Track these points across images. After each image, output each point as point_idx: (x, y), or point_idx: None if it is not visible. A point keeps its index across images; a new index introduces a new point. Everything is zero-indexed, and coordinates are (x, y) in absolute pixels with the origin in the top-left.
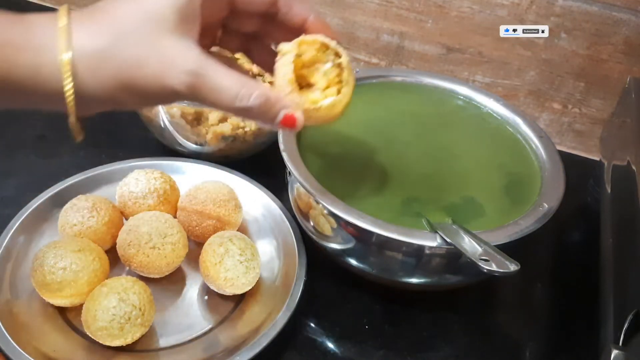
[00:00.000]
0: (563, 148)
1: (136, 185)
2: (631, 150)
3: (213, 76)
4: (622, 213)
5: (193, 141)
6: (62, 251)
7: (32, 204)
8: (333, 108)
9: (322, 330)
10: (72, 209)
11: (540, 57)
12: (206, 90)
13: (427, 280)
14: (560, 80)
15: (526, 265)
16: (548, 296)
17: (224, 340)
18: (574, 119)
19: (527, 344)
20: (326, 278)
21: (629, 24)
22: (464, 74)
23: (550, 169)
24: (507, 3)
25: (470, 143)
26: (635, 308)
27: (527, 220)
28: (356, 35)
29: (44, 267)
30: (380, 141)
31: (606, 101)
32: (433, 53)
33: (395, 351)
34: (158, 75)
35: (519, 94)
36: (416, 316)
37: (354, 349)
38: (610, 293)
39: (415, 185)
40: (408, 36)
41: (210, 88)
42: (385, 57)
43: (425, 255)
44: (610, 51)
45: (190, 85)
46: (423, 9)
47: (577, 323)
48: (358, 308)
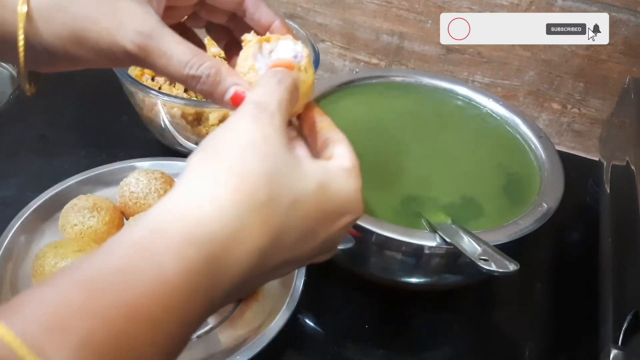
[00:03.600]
0: (562, 148)
1: (137, 185)
2: (630, 150)
3: (165, 41)
4: (621, 213)
5: (193, 141)
6: (63, 251)
7: (32, 204)
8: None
9: (322, 330)
10: (73, 209)
11: (539, 57)
12: (158, 53)
13: (426, 280)
14: (559, 80)
15: (525, 265)
16: (547, 296)
17: (224, 340)
18: (573, 119)
19: (526, 344)
20: (326, 278)
21: (628, 24)
22: (463, 74)
23: (549, 169)
24: (507, 3)
25: (469, 143)
26: (635, 308)
27: (526, 220)
28: (356, 35)
29: (44, 267)
30: (380, 141)
31: (605, 101)
32: (433, 53)
33: (395, 351)
34: (111, 31)
35: (518, 94)
36: (416, 316)
37: (354, 349)
38: (609, 293)
39: (415, 185)
40: (408, 36)
41: (162, 52)
42: (385, 58)
43: (425, 255)
44: (610, 51)
45: (142, 46)
46: (423, 9)
47: (577, 323)
48: (358, 308)
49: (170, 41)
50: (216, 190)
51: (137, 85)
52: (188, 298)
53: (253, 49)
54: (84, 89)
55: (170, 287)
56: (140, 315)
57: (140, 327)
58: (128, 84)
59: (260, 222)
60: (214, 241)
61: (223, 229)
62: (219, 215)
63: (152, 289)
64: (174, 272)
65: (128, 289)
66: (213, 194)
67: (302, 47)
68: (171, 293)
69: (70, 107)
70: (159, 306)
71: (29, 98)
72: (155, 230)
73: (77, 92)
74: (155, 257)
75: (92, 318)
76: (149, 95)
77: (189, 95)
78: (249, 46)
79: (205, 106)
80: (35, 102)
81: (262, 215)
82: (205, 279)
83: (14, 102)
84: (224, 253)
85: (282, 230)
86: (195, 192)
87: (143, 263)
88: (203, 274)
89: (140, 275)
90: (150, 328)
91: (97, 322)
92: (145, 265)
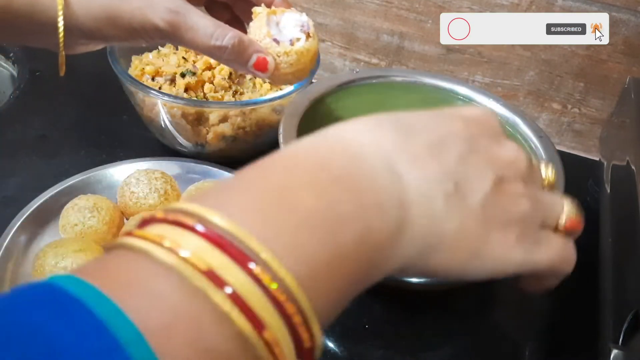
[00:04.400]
0: (562, 148)
1: (137, 185)
2: (630, 150)
3: (192, 16)
4: (621, 213)
5: (193, 141)
6: (63, 251)
7: (33, 204)
8: (301, 56)
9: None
10: (73, 208)
11: (539, 57)
12: (185, 28)
13: (426, 280)
14: (559, 80)
15: None
16: (547, 296)
17: None
18: (574, 119)
19: (526, 344)
20: None
21: (628, 24)
22: (463, 74)
23: None
24: (507, 3)
25: None
26: (635, 308)
27: None
28: (356, 35)
29: (45, 267)
30: None
31: (605, 101)
32: (433, 53)
33: (395, 351)
34: (143, 10)
35: (518, 94)
36: (416, 316)
37: (354, 349)
38: (609, 293)
39: None
40: (408, 36)
41: (189, 26)
42: (385, 57)
43: None
44: (610, 51)
45: (170, 22)
46: (423, 9)
47: (577, 323)
48: (358, 308)
49: (196, 16)
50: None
51: (137, 85)
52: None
53: (265, 19)
54: (84, 89)
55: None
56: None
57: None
58: (128, 84)
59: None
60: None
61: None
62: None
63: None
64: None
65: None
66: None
67: (307, 18)
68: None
69: (70, 107)
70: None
71: (29, 98)
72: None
73: (77, 92)
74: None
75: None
76: (149, 95)
77: (189, 95)
78: (260, 17)
79: (206, 106)
80: (35, 102)
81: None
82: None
83: (14, 102)
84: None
85: (404, 123)
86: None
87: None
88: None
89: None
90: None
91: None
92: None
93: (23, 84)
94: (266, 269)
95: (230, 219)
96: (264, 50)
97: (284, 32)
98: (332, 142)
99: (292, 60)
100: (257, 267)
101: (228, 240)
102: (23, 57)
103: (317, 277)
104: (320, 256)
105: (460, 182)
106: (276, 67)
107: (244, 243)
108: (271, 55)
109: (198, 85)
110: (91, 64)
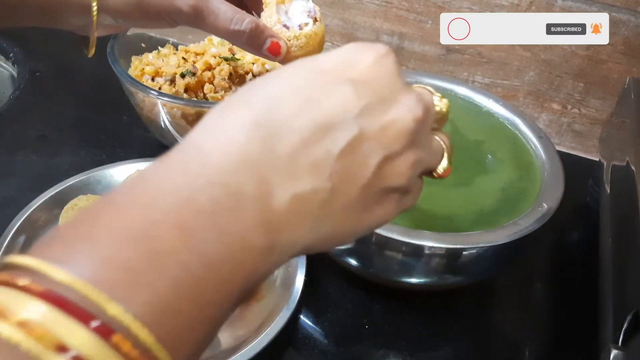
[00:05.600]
0: (562, 148)
1: None
2: (630, 151)
3: (213, 2)
4: (621, 213)
5: None
6: None
7: (32, 204)
8: (310, 39)
9: (322, 330)
10: (73, 209)
11: (539, 57)
12: (207, 12)
13: (426, 280)
14: (559, 80)
15: (526, 265)
16: (547, 296)
17: (224, 340)
18: (574, 119)
19: (526, 344)
20: (326, 278)
21: (628, 24)
22: (463, 74)
23: (549, 169)
24: (507, 3)
25: (469, 143)
26: (635, 308)
27: (526, 220)
28: (356, 35)
29: None
30: None
31: (605, 101)
32: (433, 53)
33: (395, 351)
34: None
35: (518, 95)
36: (416, 316)
37: (354, 349)
38: (609, 293)
39: None
40: (408, 37)
41: (211, 11)
42: None
43: (425, 255)
44: (610, 51)
45: (194, 6)
46: (423, 9)
47: (577, 323)
48: (358, 308)
49: (217, 2)
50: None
51: (137, 86)
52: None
53: (274, 8)
54: (84, 89)
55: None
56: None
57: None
58: (128, 85)
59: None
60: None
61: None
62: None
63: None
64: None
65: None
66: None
67: (313, 4)
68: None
69: (70, 107)
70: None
71: (29, 98)
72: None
73: (77, 92)
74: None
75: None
76: (149, 96)
77: (189, 95)
78: (270, 6)
79: (206, 106)
80: (35, 102)
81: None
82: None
83: (14, 102)
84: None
85: (269, 100)
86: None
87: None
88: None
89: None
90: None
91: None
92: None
93: (23, 84)
94: (118, 327)
95: (74, 273)
96: (277, 35)
97: (292, 18)
98: (195, 171)
99: (302, 44)
100: (105, 326)
101: (70, 299)
102: (23, 57)
103: (178, 326)
104: (182, 307)
105: (337, 184)
106: (287, 51)
107: (88, 299)
108: (283, 40)
109: (198, 86)
110: (91, 64)
